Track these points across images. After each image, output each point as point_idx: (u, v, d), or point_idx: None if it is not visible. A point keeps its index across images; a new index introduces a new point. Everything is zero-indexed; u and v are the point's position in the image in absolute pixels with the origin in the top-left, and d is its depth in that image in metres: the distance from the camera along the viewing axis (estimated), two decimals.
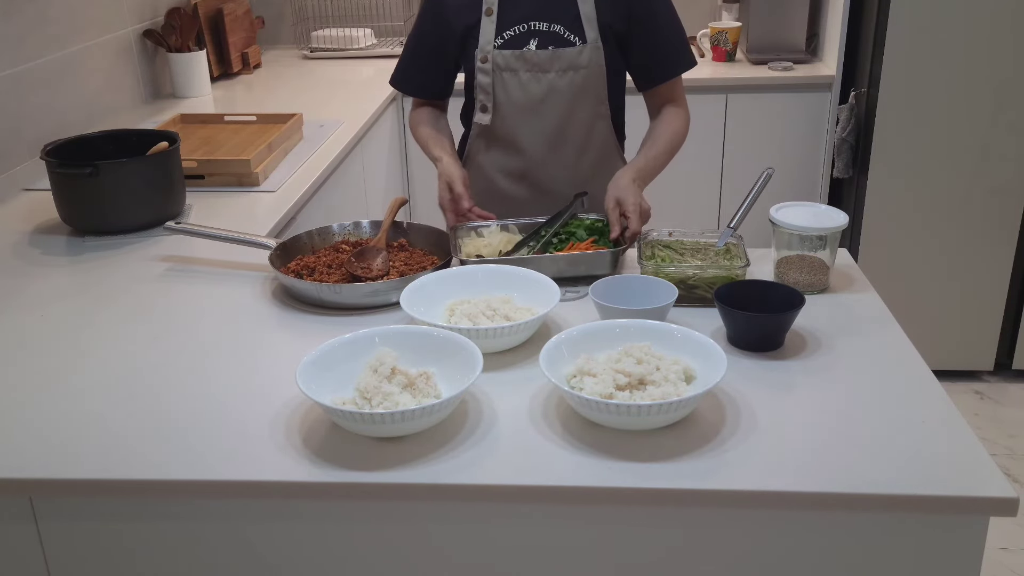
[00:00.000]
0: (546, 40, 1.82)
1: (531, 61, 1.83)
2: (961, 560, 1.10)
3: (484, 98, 1.87)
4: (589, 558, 1.14)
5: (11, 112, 2.29)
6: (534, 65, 1.83)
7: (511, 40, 1.83)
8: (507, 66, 1.83)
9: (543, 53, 1.82)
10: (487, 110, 1.87)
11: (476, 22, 1.84)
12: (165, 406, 1.26)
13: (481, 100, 1.87)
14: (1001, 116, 2.90)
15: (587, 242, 1.64)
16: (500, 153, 1.92)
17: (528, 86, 1.84)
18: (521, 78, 1.84)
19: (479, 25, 1.84)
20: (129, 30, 2.86)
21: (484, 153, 1.94)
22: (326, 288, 1.49)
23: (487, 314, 1.37)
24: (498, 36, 1.83)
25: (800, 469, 1.10)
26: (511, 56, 1.83)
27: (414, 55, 1.95)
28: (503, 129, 1.89)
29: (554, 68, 1.83)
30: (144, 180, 1.86)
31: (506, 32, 1.83)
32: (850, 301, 1.50)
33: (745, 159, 3.30)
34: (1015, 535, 2.48)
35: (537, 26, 1.82)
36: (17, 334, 1.48)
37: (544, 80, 1.84)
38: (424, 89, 1.98)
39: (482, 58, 1.84)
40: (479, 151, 1.94)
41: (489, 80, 1.85)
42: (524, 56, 1.82)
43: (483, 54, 1.83)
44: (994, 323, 3.15)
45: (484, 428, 1.19)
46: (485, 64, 1.84)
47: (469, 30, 1.85)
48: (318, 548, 1.16)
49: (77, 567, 1.20)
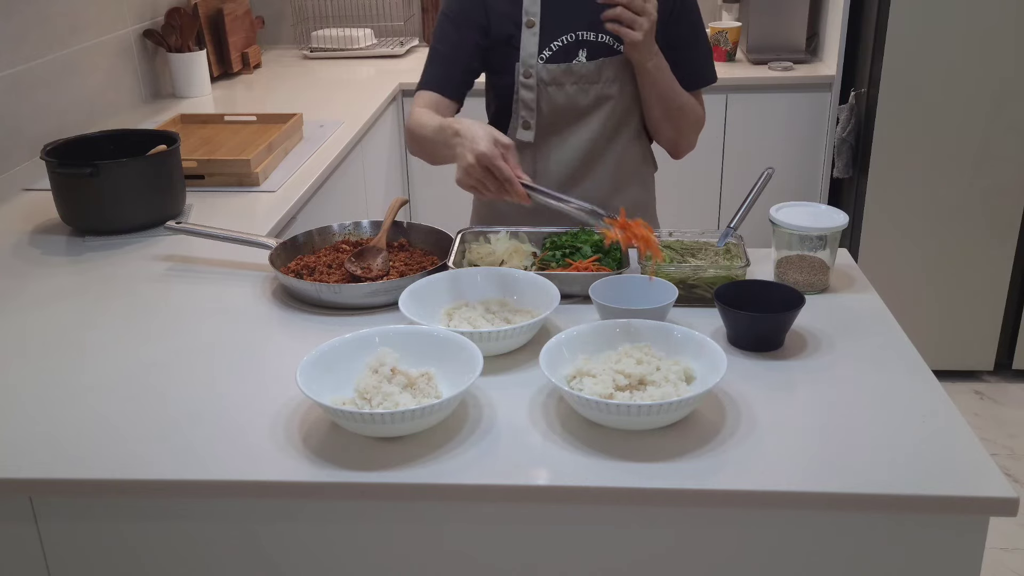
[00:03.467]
0: (596, 51, 1.76)
1: (579, 73, 1.76)
2: (961, 560, 1.10)
3: (527, 114, 1.78)
4: (589, 558, 1.14)
5: (11, 112, 2.29)
6: (581, 77, 1.76)
7: (559, 52, 1.75)
8: (553, 80, 1.75)
9: (592, 64, 1.75)
10: (530, 127, 1.78)
11: (516, 32, 1.75)
12: (165, 406, 1.26)
13: (523, 116, 1.78)
14: (1001, 116, 2.90)
15: (590, 260, 1.57)
16: (539, 162, 1.83)
17: (575, 98, 1.77)
18: (568, 91, 1.76)
19: (519, 35, 1.75)
20: (129, 30, 2.86)
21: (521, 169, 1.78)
22: (326, 288, 1.49)
23: (486, 317, 1.37)
24: (544, 48, 1.75)
25: (800, 469, 1.10)
26: (558, 70, 1.75)
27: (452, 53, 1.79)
28: (543, 140, 1.82)
29: (602, 79, 1.77)
30: (144, 180, 1.86)
31: (553, 44, 1.75)
32: (850, 301, 1.51)
33: (745, 159, 3.30)
34: (1015, 535, 2.48)
35: (585, 36, 1.76)
36: (17, 334, 1.48)
37: (592, 91, 1.77)
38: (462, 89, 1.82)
39: (525, 72, 1.75)
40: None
41: (533, 95, 1.76)
42: (572, 69, 1.75)
43: (526, 68, 1.75)
44: (994, 323, 3.15)
45: (484, 428, 1.19)
46: (529, 79, 1.75)
47: (509, 38, 1.76)
48: (318, 548, 1.16)
49: (77, 567, 1.20)
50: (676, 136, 1.88)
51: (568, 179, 1.84)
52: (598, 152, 1.83)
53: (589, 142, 1.82)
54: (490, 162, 1.45)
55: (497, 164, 1.46)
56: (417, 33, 3.84)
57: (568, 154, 1.83)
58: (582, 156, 1.83)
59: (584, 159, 1.83)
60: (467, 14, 1.78)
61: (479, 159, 1.46)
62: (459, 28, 1.79)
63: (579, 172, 1.84)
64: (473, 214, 2.01)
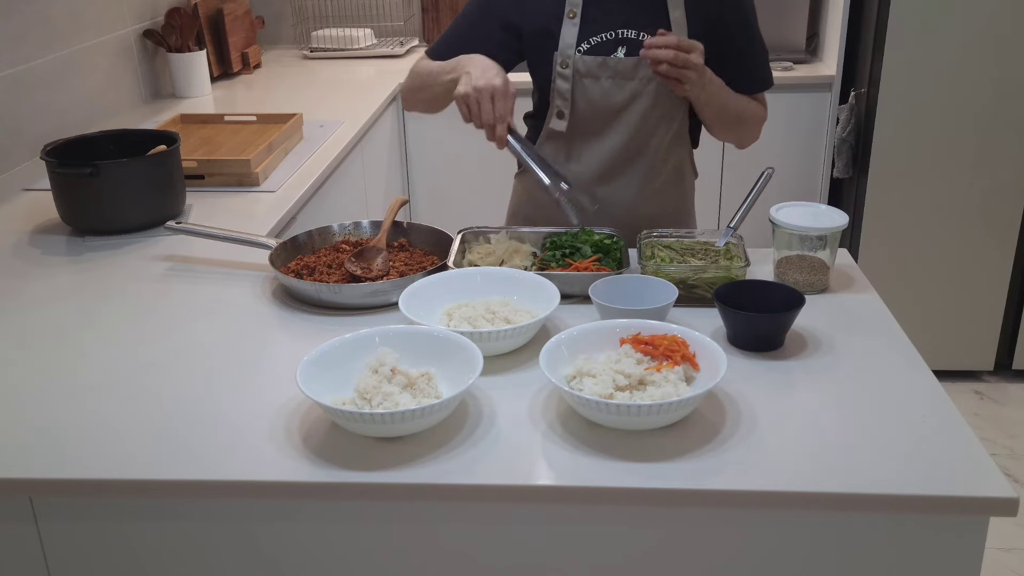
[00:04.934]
0: (635, 48, 1.74)
1: (615, 68, 1.74)
2: (961, 560, 1.10)
3: (562, 104, 1.78)
4: (589, 558, 1.14)
5: (11, 112, 2.29)
6: (618, 72, 1.75)
7: (598, 46, 1.75)
8: (588, 72, 1.75)
9: (629, 60, 1.74)
10: (563, 116, 1.78)
11: (556, 24, 1.75)
12: (165, 406, 1.26)
13: (558, 106, 1.78)
14: (1001, 116, 2.90)
15: (590, 260, 1.57)
16: (573, 160, 1.83)
17: (610, 93, 1.76)
18: (603, 85, 1.76)
19: (558, 28, 1.75)
20: (129, 30, 2.86)
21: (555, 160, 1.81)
22: (326, 288, 1.49)
23: (486, 317, 1.37)
24: (583, 41, 1.75)
25: (800, 469, 1.10)
26: (594, 63, 1.75)
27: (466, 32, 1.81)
28: (578, 136, 1.81)
29: (638, 75, 1.75)
30: (144, 180, 1.86)
31: (593, 38, 1.75)
32: (850, 301, 1.51)
33: (745, 159, 3.29)
34: (1015, 535, 2.48)
35: (626, 34, 1.75)
36: (17, 334, 1.48)
37: (627, 87, 1.76)
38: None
39: (562, 62, 1.75)
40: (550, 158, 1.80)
41: (568, 86, 1.76)
42: (608, 63, 1.74)
43: (564, 58, 1.75)
44: (994, 323, 3.15)
45: (484, 428, 1.19)
46: (565, 69, 1.75)
47: (547, 31, 1.76)
48: (318, 548, 1.16)
49: (77, 567, 1.20)
50: (736, 139, 1.91)
51: (599, 177, 1.83)
52: (632, 153, 1.82)
53: (622, 141, 1.80)
54: (495, 94, 1.57)
55: (500, 100, 1.57)
56: (417, 33, 3.84)
57: (601, 152, 1.82)
58: (615, 155, 1.81)
59: (617, 158, 1.82)
60: (497, 3, 1.80)
61: (490, 87, 1.58)
62: (485, 15, 1.81)
63: (611, 171, 1.83)
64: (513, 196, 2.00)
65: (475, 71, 1.61)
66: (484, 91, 1.58)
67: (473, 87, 1.59)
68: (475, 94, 1.59)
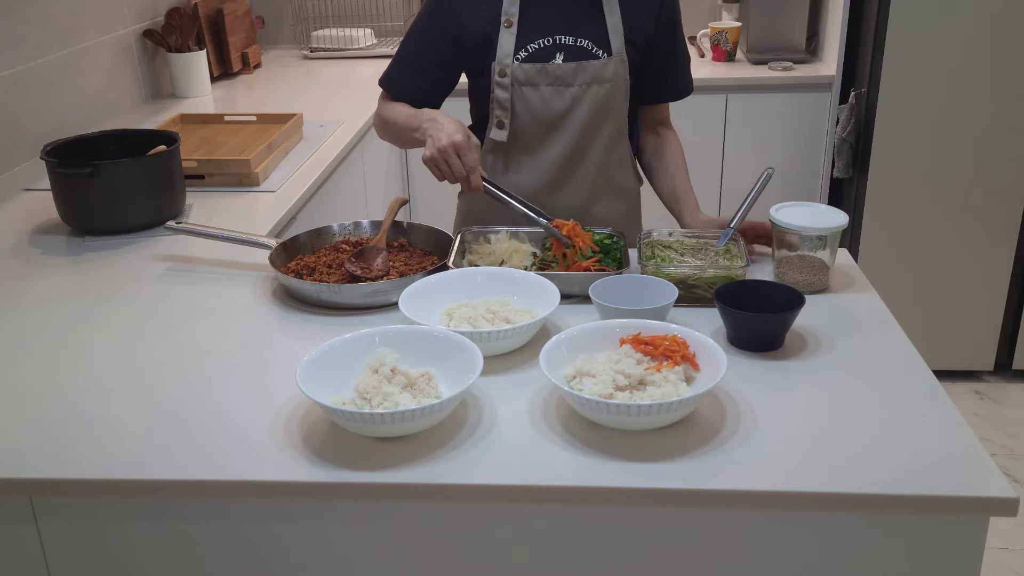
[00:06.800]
0: (573, 54, 1.75)
1: (554, 75, 1.75)
2: (961, 560, 1.10)
3: (501, 114, 1.77)
4: (589, 558, 1.14)
5: (11, 112, 2.29)
6: (556, 79, 1.75)
7: (536, 53, 1.75)
8: (527, 80, 1.75)
9: (568, 66, 1.75)
10: (504, 126, 1.78)
11: (494, 32, 1.75)
12: (165, 406, 1.26)
13: (498, 116, 1.78)
14: (1001, 116, 2.90)
15: (590, 260, 1.56)
16: (514, 171, 1.83)
17: (550, 100, 1.76)
18: (542, 92, 1.76)
19: (496, 36, 1.75)
20: (129, 30, 2.86)
21: (496, 172, 1.83)
22: (326, 288, 1.49)
23: (487, 317, 1.37)
24: (520, 49, 1.74)
25: (800, 469, 1.10)
26: (533, 70, 1.74)
27: (412, 58, 1.83)
28: (520, 146, 1.81)
29: (577, 81, 1.75)
30: (144, 180, 1.86)
31: (530, 45, 1.75)
32: (850, 301, 1.50)
33: (745, 159, 3.30)
34: (1015, 535, 2.48)
35: (564, 40, 1.75)
36: (17, 334, 1.48)
37: (567, 94, 1.76)
38: (416, 94, 1.82)
39: (500, 71, 1.75)
40: (490, 170, 1.82)
41: (507, 95, 1.76)
42: (547, 70, 1.74)
43: (502, 67, 1.74)
44: (994, 323, 3.15)
45: (484, 428, 1.19)
46: (503, 78, 1.75)
47: (486, 40, 1.75)
48: (317, 548, 1.16)
49: (77, 567, 1.20)
50: None
51: (545, 188, 1.83)
52: (575, 160, 1.82)
53: (565, 149, 1.80)
54: (459, 150, 1.61)
55: (465, 153, 1.62)
56: None
57: (544, 162, 1.82)
58: (559, 163, 1.81)
59: (560, 168, 1.82)
60: (437, 21, 1.79)
61: (452, 145, 1.61)
62: (428, 36, 1.80)
63: (555, 181, 1.83)
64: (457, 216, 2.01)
65: (436, 133, 1.63)
66: (448, 150, 1.61)
67: (437, 149, 1.62)
68: (440, 155, 1.62)
